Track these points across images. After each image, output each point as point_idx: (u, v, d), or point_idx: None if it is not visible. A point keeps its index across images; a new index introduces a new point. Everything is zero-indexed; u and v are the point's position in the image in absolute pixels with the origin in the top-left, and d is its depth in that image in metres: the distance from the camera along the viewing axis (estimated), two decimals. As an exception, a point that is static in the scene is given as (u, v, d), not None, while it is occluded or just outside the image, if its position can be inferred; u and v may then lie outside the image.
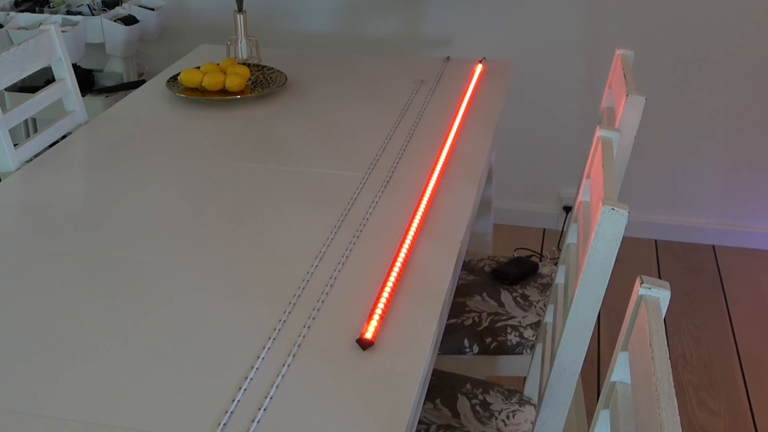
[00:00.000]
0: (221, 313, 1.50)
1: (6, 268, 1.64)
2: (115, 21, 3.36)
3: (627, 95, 1.90)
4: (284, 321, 1.47)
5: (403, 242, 1.70)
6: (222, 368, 1.36)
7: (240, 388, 1.30)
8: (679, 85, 3.32)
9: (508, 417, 1.77)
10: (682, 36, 3.25)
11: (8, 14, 3.38)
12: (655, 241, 3.56)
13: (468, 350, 2.03)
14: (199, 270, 1.62)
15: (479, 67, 2.68)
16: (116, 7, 3.47)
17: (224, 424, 1.23)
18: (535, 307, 2.14)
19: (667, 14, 3.22)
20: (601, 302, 1.46)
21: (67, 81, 2.39)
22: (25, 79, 2.39)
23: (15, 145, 2.17)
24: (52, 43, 2.38)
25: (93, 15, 3.40)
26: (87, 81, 3.53)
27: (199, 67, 2.50)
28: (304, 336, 1.43)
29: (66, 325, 1.47)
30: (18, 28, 3.32)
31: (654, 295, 1.14)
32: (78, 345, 1.41)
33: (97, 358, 1.38)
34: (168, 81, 2.51)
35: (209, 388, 1.31)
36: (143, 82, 3.57)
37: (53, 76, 2.38)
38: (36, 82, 3.44)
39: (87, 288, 1.57)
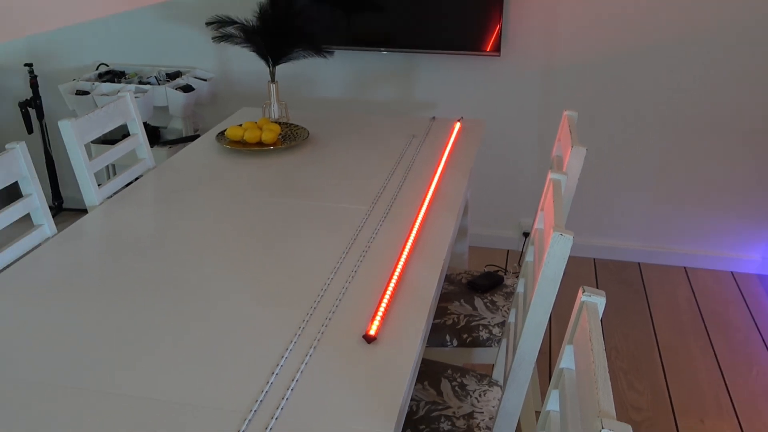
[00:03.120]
0: (258, 315, 1.50)
1: (93, 281, 1.65)
2: (176, 89, 3.39)
3: (572, 146, 1.92)
4: (307, 321, 1.47)
5: (398, 260, 1.71)
6: (258, 358, 1.36)
7: (273, 373, 1.31)
8: (615, 137, 3.34)
9: (480, 395, 1.77)
10: (617, 100, 3.27)
11: (93, 84, 3.41)
12: (594, 259, 3.57)
13: (449, 344, 2.03)
14: (241, 282, 1.63)
15: (458, 125, 2.69)
16: (177, 78, 3.50)
17: (260, 401, 1.23)
18: (501, 310, 2.14)
19: (604, 82, 3.24)
20: (552, 307, 1.47)
21: (139, 136, 2.41)
22: (106, 133, 2.41)
23: (99, 185, 2.18)
24: (127, 106, 2.40)
25: (159, 84, 3.42)
26: (154, 135, 3.56)
27: (240, 125, 2.51)
28: (322, 333, 1.43)
29: (138, 324, 1.47)
30: (101, 95, 3.35)
31: (593, 301, 1.15)
32: (146, 340, 1.42)
33: (161, 350, 1.39)
34: (217, 135, 2.52)
35: (249, 373, 1.31)
36: (198, 136, 3.59)
37: (129, 131, 2.40)
38: (115, 136, 3.45)
39: (154, 296, 1.58)
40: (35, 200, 1.96)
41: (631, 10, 3.11)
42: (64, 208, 4.04)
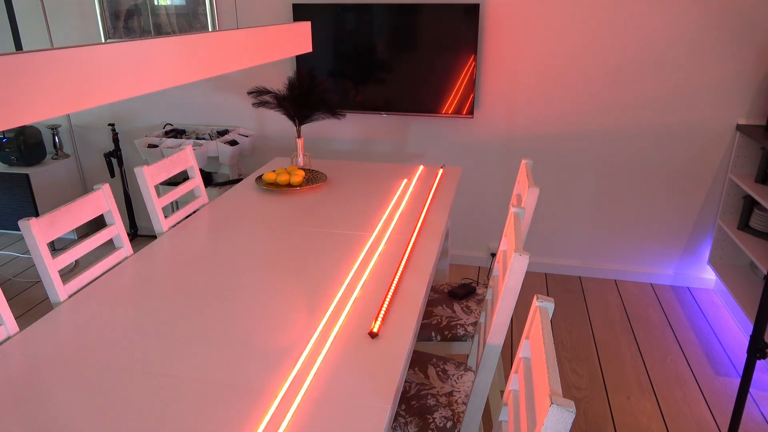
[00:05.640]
0: (287, 315, 1.50)
1: (161, 289, 1.65)
2: (224, 143, 3.41)
3: (528, 187, 1.93)
4: (325, 320, 1.48)
5: (395, 274, 1.71)
6: (289, 348, 1.36)
7: (298, 361, 1.31)
8: (561, 179, 3.35)
9: (458, 378, 1.76)
10: (563, 151, 3.29)
11: (161, 139, 3.43)
12: (545, 273, 3.56)
13: (434, 339, 2.03)
14: (274, 290, 1.63)
15: (440, 171, 2.70)
16: (225, 135, 3.52)
17: (290, 381, 1.23)
18: (474, 313, 2.14)
19: (553, 137, 3.26)
20: (513, 310, 1.46)
21: (196, 179, 2.42)
22: (171, 177, 2.41)
23: (165, 217, 2.19)
24: (187, 156, 2.42)
25: (211, 140, 3.44)
26: (208, 178, 3.57)
27: (274, 171, 2.53)
28: (337, 329, 1.44)
29: (193, 322, 1.48)
30: (167, 148, 3.36)
31: (544, 306, 1.15)
32: (200, 334, 1.42)
33: (211, 342, 1.39)
34: (256, 179, 2.54)
35: (280, 361, 1.31)
36: (241, 179, 3.60)
37: (188, 176, 2.40)
38: (177, 179, 3.47)
39: (207, 301, 1.58)
40: (116, 228, 1.97)
41: (573, 84, 3.14)
42: (139, 234, 4.05)
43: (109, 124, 3.70)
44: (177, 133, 3.58)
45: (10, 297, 3.25)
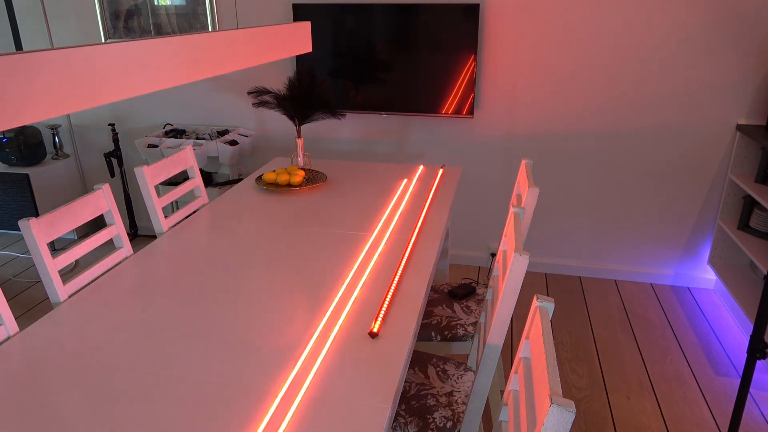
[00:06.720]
0: (287, 315, 1.50)
1: (161, 289, 1.65)
2: (224, 143, 3.41)
3: (529, 187, 1.93)
4: (325, 320, 1.48)
5: (395, 274, 1.71)
6: (289, 348, 1.36)
7: (298, 361, 1.31)
8: (561, 180, 3.35)
9: (457, 379, 1.76)
10: (563, 151, 3.29)
11: (161, 139, 3.43)
12: (545, 273, 3.57)
13: (434, 338, 2.03)
14: (273, 290, 1.63)
15: (440, 171, 2.70)
16: (225, 135, 3.52)
17: (290, 381, 1.23)
18: (474, 313, 2.14)
19: (553, 138, 3.26)
20: (513, 310, 1.46)
21: (196, 178, 2.42)
22: (171, 177, 2.41)
23: (165, 217, 2.19)
24: (187, 156, 2.42)
25: (211, 140, 3.44)
26: (208, 178, 3.57)
27: (274, 170, 2.53)
28: (337, 329, 1.44)
29: (194, 322, 1.48)
30: (167, 148, 3.37)
31: (545, 305, 1.15)
32: (201, 334, 1.42)
33: (212, 342, 1.39)
34: (256, 179, 2.54)
35: (280, 362, 1.31)
36: (241, 179, 3.60)
37: (188, 176, 2.40)
38: (177, 179, 3.47)
39: (207, 301, 1.58)
40: (116, 229, 1.97)
41: (573, 84, 3.14)
42: (139, 234, 4.05)
43: (109, 124, 3.70)
44: (177, 133, 3.58)
45: (10, 297, 3.25)
